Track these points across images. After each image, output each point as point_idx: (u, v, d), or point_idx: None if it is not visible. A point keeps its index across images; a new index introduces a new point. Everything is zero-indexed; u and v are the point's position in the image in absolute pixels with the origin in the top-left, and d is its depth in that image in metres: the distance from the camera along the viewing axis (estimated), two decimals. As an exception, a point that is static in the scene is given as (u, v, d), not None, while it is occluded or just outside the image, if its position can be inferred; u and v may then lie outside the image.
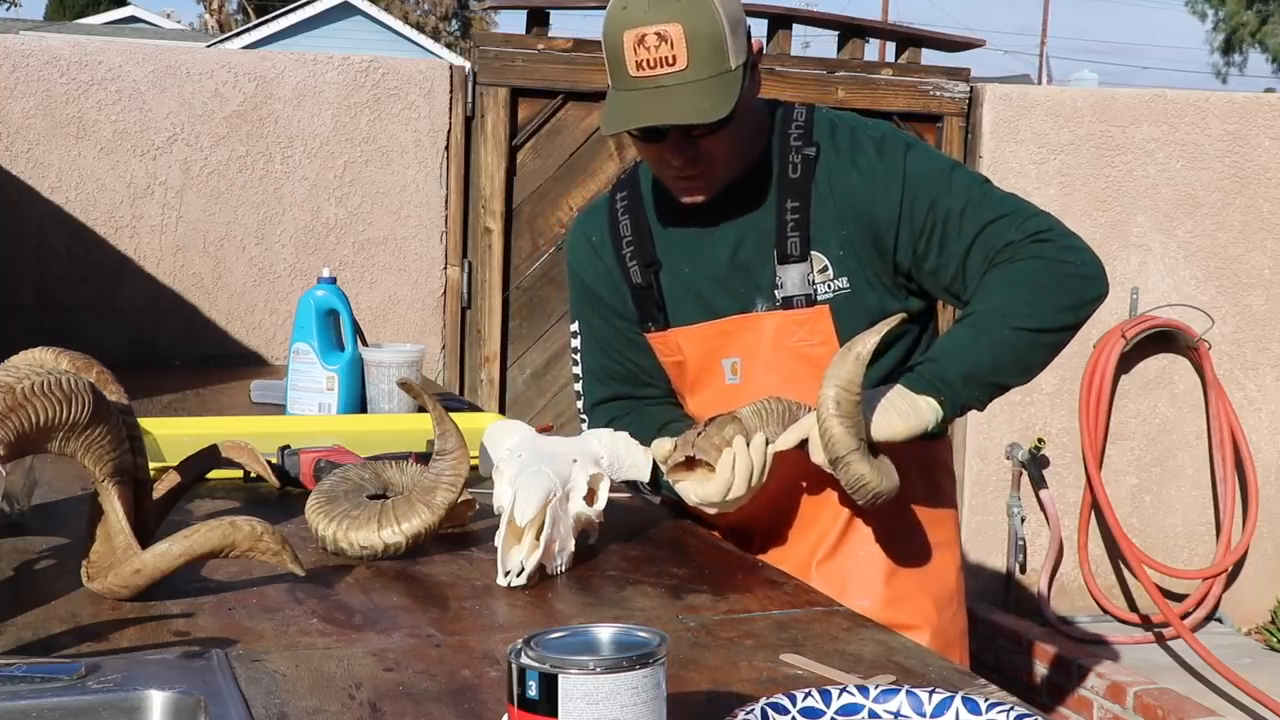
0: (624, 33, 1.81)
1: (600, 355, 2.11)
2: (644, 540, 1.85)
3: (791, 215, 1.94)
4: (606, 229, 2.07)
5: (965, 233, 1.90)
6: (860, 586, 2.01)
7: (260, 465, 1.84)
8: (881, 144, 1.96)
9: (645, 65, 1.81)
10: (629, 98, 1.84)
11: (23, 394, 1.35)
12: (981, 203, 1.92)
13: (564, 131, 4.24)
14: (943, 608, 2.08)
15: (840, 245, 1.94)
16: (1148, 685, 3.86)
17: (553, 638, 1.01)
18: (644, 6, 1.81)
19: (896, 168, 1.93)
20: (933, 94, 4.49)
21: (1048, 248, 1.88)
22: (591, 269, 2.08)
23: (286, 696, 1.23)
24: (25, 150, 3.75)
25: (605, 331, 2.09)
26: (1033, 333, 1.86)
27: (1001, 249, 1.88)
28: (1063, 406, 4.69)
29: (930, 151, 2.00)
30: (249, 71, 3.93)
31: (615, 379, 2.10)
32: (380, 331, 4.01)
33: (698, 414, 2.04)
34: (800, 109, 2.02)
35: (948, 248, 1.91)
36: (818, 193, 1.94)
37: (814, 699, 1.11)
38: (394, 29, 20.85)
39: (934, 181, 1.93)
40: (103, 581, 1.46)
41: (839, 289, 1.95)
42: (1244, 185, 4.76)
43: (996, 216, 1.90)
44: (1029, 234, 1.88)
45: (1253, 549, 4.86)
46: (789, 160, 1.96)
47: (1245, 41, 31.54)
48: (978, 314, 1.87)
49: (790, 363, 1.96)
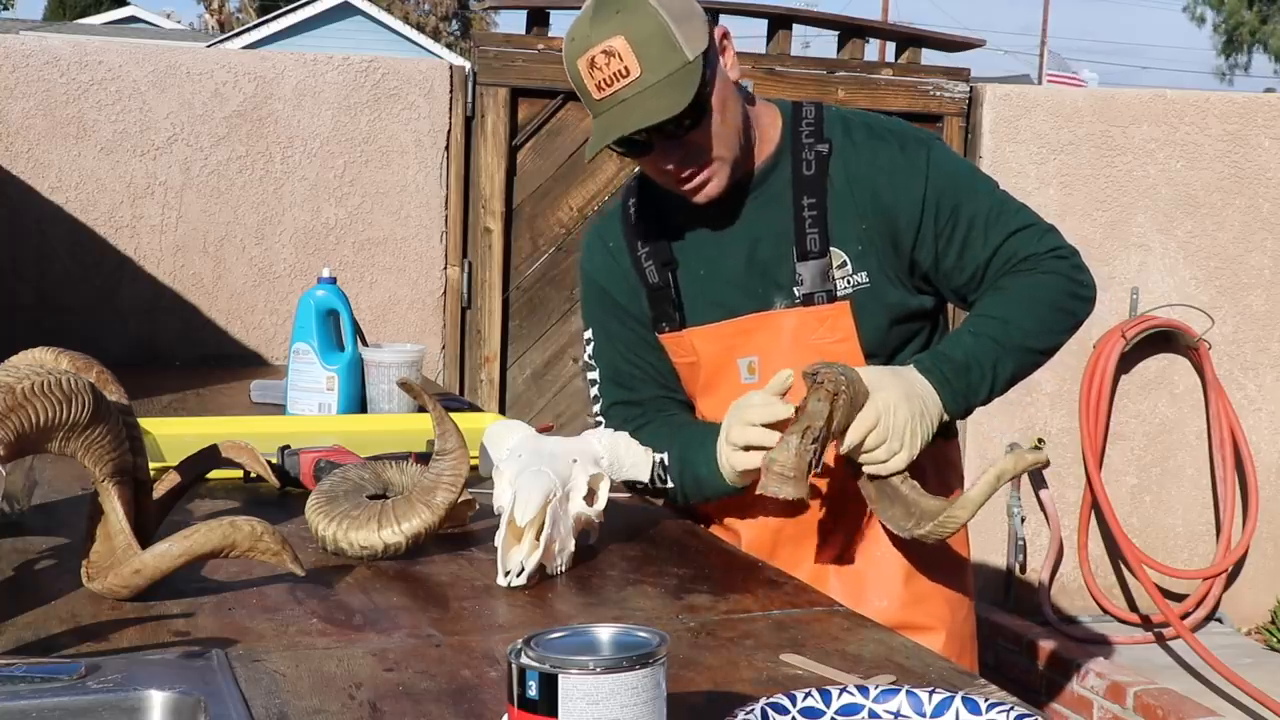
0: (577, 61, 1.84)
1: (616, 359, 2.10)
2: (644, 540, 1.85)
3: (809, 212, 1.96)
4: (622, 234, 2.07)
5: (990, 242, 1.96)
6: (878, 588, 2.02)
7: (260, 465, 1.84)
8: (904, 140, 1.99)
9: (604, 85, 1.83)
10: (600, 121, 1.86)
11: (23, 394, 1.35)
12: (1003, 212, 1.98)
13: (564, 131, 4.24)
14: (956, 609, 2.09)
15: (859, 240, 1.96)
16: (1148, 685, 3.86)
17: (553, 638, 1.01)
18: (585, 30, 1.83)
19: (920, 166, 1.96)
20: (933, 94, 4.50)
21: (1064, 265, 1.97)
22: (608, 273, 2.08)
23: (286, 696, 1.23)
24: (25, 150, 3.75)
25: (622, 334, 2.09)
26: (1036, 353, 1.97)
27: (1024, 259, 1.96)
28: (1063, 406, 4.69)
29: (949, 150, 2.05)
30: (249, 71, 3.93)
31: (631, 381, 2.10)
32: (380, 331, 4.01)
33: (709, 416, 2.05)
34: (810, 106, 2.03)
35: (969, 253, 1.96)
36: (834, 188, 1.97)
37: (814, 699, 1.12)
38: (394, 29, 20.86)
39: (957, 183, 1.97)
40: (103, 581, 1.46)
41: (859, 284, 1.96)
42: (1244, 185, 4.76)
43: (1019, 228, 1.97)
44: (1049, 249, 1.97)
45: (1253, 549, 4.86)
46: (802, 158, 1.97)
47: (1246, 42, 31.53)
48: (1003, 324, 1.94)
49: (810, 359, 1.95)
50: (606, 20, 1.82)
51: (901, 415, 1.84)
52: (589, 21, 1.83)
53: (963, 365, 1.91)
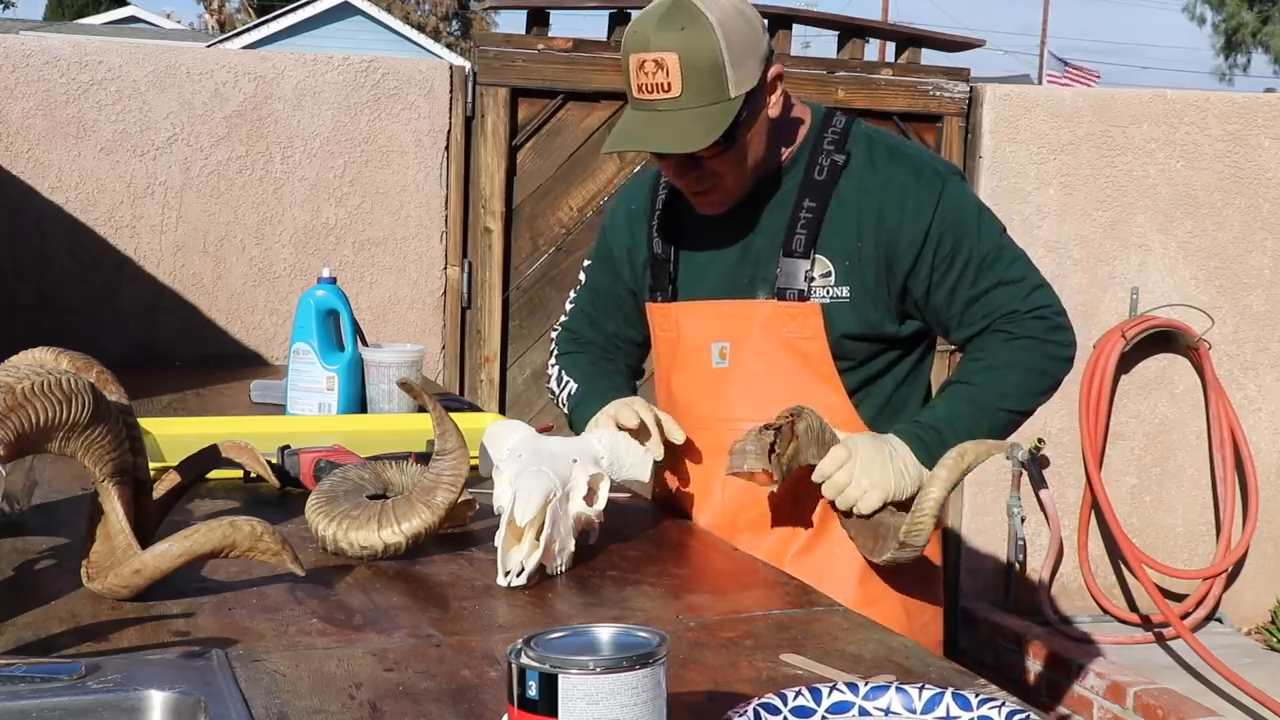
0: (630, 55, 1.90)
1: (589, 304, 2.28)
2: (644, 540, 1.85)
3: (805, 214, 2.01)
4: (646, 199, 2.18)
5: (978, 285, 2.01)
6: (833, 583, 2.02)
7: (260, 465, 1.84)
8: (921, 169, 2.03)
9: (644, 89, 1.90)
10: (632, 118, 1.93)
11: (23, 394, 1.35)
12: (999, 259, 2.03)
13: (564, 131, 4.24)
14: (915, 615, 2.09)
15: (849, 255, 2.01)
16: (1148, 685, 3.86)
17: (553, 638, 1.01)
18: (650, 31, 1.88)
19: (931, 196, 2.00)
20: (933, 94, 4.49)
21: (1043, 326, 2.02)
22: (618, 234, 2.21)
23: (286, 696, 1.23)
24: (25, 150, 3.75)
25: (603, 287, 2.24)
26: (1013, 414, 2.03)
27: (1005, 315, 2.01)
28: (1063, 406, 4.68)
29: (964, 188, 2.08)
30: (249, 71, 3.93)
31: (587, 327, 2.28)
32: (380, 331, 4.01)
33: (681, 394, 2.12)
34: (841, 117, 2.10)
35: (957, 292, 2.01)
36: (839, 199, 2.02)
37: (804, 698, 1.12)
38: (394, 29, 20.85)
39: (962, 222, 2.01)
40: (103, 581, 1.46)
41: (836, 296, 2.01)
42: (1244, 185, 4.76)
43: (1008, 280, 2.02)
44: (1031, 308, 2.02)
45: (1253, 549, 4.86)
46: (818, 162, 2.03)
47: (1246, 43, 31.52)
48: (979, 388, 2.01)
49: (779, 351, 2.03)
50: (669, 31, 1.87)
51: (869, 450, 1.91)
52: (655, 22, 1.88)
53: (934, 427, 1.97)
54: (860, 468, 1.90)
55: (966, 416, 1.98)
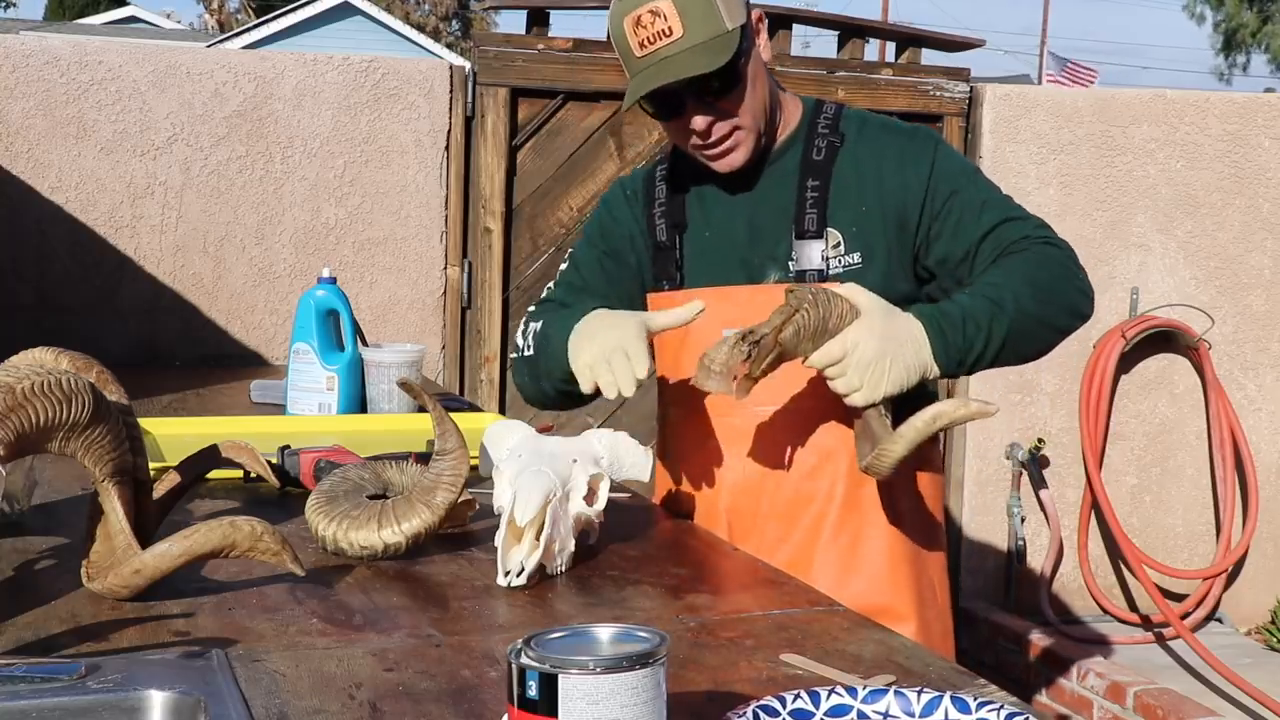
0: (623, 20, 1.96)
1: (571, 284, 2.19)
2: (644, 540, 1.85)
3: (811, 193, 2.06)
4: (643, 188, 2.19)
5: (983, 223, 2.02)
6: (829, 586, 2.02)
7: (260, 465, 1.84)
8: (914, 134, 2.11)
9: (646, 43, 1.95)
10: (639, 78, 1.97)
11: (23, 394, 1.35)
12: (1002, 202, 2.07)
13: (564, 131, 4.24)
14: (927, 606, 2.09)
15: (854, 222, 2.05)
16: (1148, 685, 3.86)
17: (553, 638, 1.01)
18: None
19: (926, 153, 2.06)
20: (933, 94, 4.50)
21: (1058, 252, 2.01)
22: (614, 213, 2.20)
23: (286, 696, 1.23)
24: (25, 150, 3.75)
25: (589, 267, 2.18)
26: (1032, 319, 1.95)
27: (1016, 241, 2.01)
28: (1063, 406, 4.69)
29: (955, 150, 2.17)
30: (249, 71, 3.93)
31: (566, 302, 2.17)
32: (380, 331, 4.01)
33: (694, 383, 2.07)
34: (833, 104, 2.16)
35: (962, 233, 2.03)
36: (838, 175, 2.07)
37: (803, 700, 1.11)
38: (394, 29, 20.85)
39: (959, 174, 2.07)
40: (103, 581, 1.46)
41: (850, 264, 2.04)
42: (1244, 185, 4.76)
43: (1014, 217, 2.04)
44: (1043, 237, 2.02)
45: (1253, 549, 4.86)
46: (814, 144, 2.09)
47: (1246, 43, 31.52)
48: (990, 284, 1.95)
49: None
50: None
51: (868, 353, 1.83)
52: None
53: (958, 319, 1.91)
54: (854, 369, 1.83)
55: (987, 314, 1.91)
